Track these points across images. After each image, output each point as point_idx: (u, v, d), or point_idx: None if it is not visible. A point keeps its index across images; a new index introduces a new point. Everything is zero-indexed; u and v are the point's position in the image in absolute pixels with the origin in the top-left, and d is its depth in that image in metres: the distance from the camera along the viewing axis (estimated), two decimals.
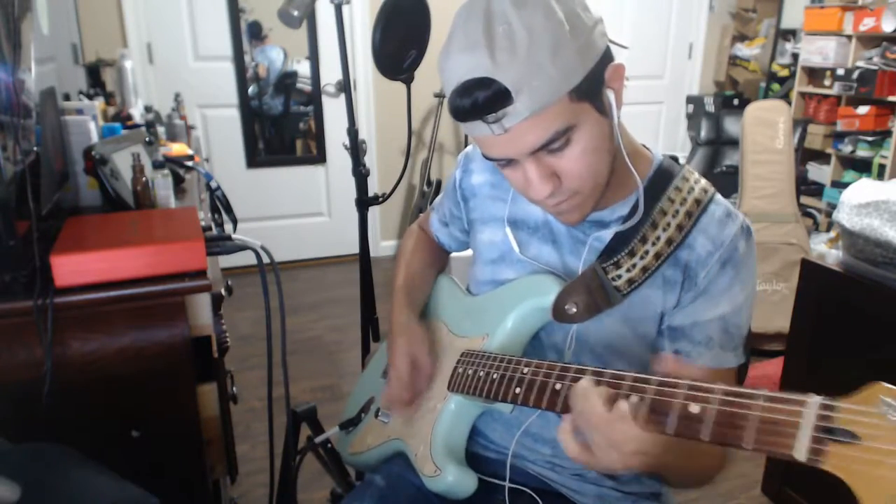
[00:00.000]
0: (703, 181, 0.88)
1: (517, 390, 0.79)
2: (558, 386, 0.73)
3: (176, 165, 1.87)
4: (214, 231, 1.72)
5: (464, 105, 0.72)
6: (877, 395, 0.47)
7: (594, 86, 0.74)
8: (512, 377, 0.81)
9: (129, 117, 2.27)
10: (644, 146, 0.91)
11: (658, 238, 0.84)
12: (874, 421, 0.46)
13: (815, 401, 0.50)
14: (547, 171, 0.77)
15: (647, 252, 0.84)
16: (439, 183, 3.83)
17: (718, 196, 0.88)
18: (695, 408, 0.58)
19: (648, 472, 0.72)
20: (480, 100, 0.71)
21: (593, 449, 0.65)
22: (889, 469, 0.45)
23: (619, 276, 0.85)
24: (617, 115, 0.78)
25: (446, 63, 0.75)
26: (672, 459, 0.71)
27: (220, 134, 3.65)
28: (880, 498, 0.45)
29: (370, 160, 3.86)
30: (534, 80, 0.69)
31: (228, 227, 1.76)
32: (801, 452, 0.49)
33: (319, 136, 3.87)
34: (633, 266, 0.84)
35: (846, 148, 4.11)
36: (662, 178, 0.87)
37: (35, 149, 1.23)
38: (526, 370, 0.79)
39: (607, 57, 0.76)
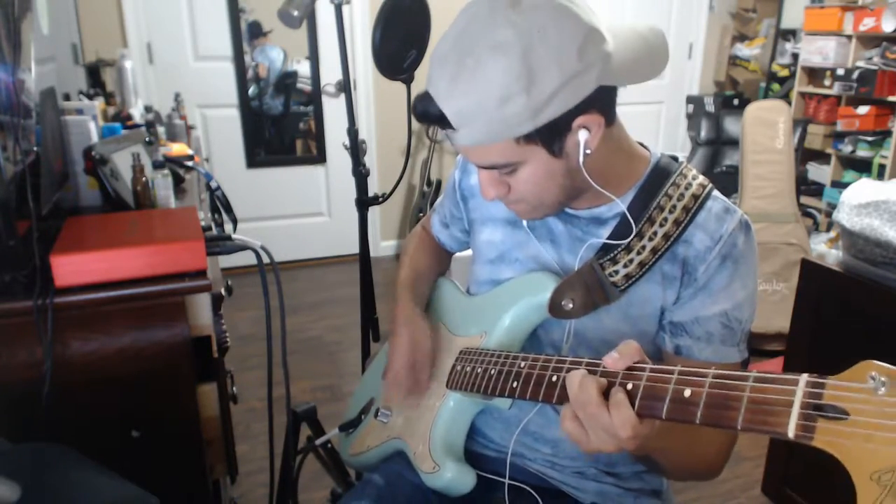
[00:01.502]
0: (701, 178, 0.88)
1: (514, 384, 0.80)
2: (555, 378, 0.74)
3: (176, 165, 1.87)
4: (214, 231, 1.72)
5: (419, 110, 0.77)
6: (866, 372, 0.47)
7: (550, 133, 0.74)
8: (509, 372, 0.82)
9: (129, 117, 2.27)
10: (641, 144, 0.91)
11: (655, 233, 0.84)
12: (862, 396, 0.46)
13: (804, 379, 0.51)
14: (495, 180, 0.82)
15: (643, 247, 0.85)
16: (439, 183, 3.83)
17: (716, 192, 0.88)
18: (687, 392, 0.59)
19: (641, 454, 0.75)
20: (432, 113, 0.75)
21: (588, 431, 0.66)
22: (878, 444, 0.45)
23: (617, 272, 0.85)
24: (581, 157, 0.76)
25: (430, 60, 0.78)
26: (666, 444, 0.73)
27: (220, 134, 3.65)
28: (869, 472, 0.45)
29: (370, 160, 3.86)
30: (476, 120, 0.73)
31: (228, 227, 1.76)
32: (790, 430, 0.50)
33: (319, 136, 3.87)
34: (631, 261, 0.85)
35: (846, 148, 4.11)
36: (660, 174, 0.88)
37: (35, 149, 1.23)
38: (523, 364, 0.80)
39: (584, 106, 0.73)
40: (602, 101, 0.75)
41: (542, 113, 0.72)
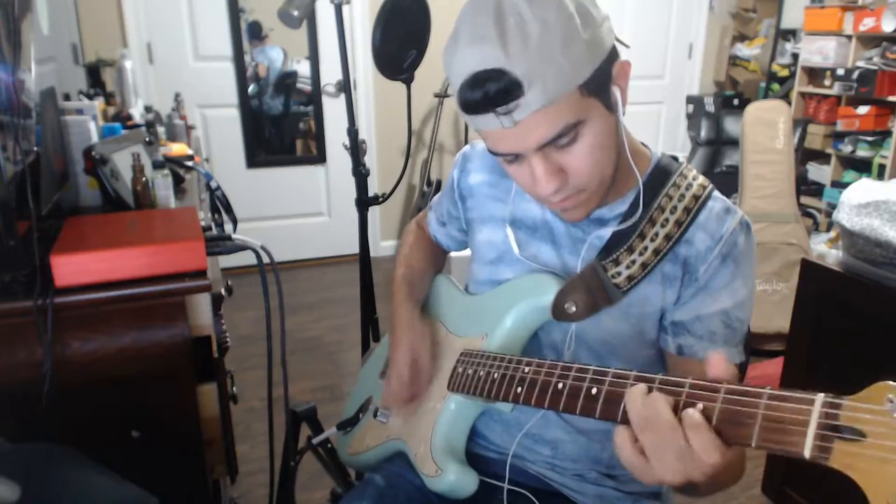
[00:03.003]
0: (702, 178, 0.88)
1: (518, 390, 0.79)
2: (560, 385, 0.73)
3: (176, 165, 1.87)
4: (214, 231, 1.72)
5: (474, 97, 0.72)
6: (883, 393, 0.47)
7: (602, 81, 0.75)
8: (513, 377, 0.81)
9: (129, 117, 2.27)
10: (643, 144, 0.92)
11: (657, 234, 0.84)
12: (880, 419, 0.46)
13: (820, 399, 0.50)
14: (553, 167, 0.77)
15: (645, 248, 0.84)
16: (439, 183, 3.83)
17: (716, 192, 0.88)
18: (699, 406, 0.57)
19: (693, 483, 0.60)
20: (492, 91, 0.70)
21: (649, 457, 0.60)
22: (895, 466, 0.45)
23: (619, 273, 0.85)
24: (622, 111, 0.79)
25: (454, 56, 0.74)
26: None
27: (220, 134, 3.65)
28: (887, 496, 0.45)
29: (370, 160, 3.86)
30: (545, 72, 0.69)
31: (228, 227, 1.75)
32: (807, 450, 0.49)
33: (319, 136, 3.87)
34: (633, 262, 0.85)
35: (846, 148, 4.11)
36: (661, 174, 0.88)
37: (35, 149, 1.23)
38: (527, 370, 0.79)
39: (614, 53, 0.77)
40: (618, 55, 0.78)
41: (596, 51, 0.72)
